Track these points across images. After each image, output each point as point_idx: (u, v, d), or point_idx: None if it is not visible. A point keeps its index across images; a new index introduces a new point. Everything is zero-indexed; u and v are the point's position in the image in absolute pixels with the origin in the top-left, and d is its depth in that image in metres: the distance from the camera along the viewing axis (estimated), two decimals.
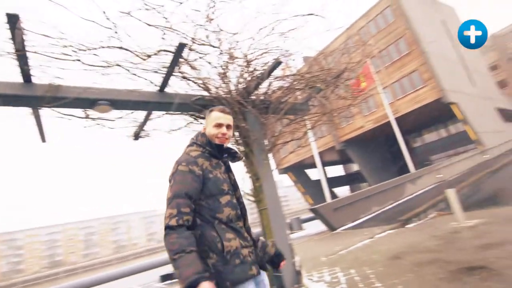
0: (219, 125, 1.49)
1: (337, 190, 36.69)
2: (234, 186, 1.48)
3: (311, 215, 9.65)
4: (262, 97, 4.17)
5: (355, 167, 31.61)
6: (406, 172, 14.86)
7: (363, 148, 25.01)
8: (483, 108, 22.31)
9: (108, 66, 3.19)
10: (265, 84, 4.24)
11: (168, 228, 1.22)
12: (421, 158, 26.08)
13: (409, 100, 20.34)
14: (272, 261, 1.56)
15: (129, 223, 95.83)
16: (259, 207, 3.93)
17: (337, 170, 39.08)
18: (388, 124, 17.99)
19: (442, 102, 18.46)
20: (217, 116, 1.51)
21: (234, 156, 1.59)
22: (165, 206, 1.29)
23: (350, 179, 31.15)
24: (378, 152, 26.05)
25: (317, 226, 9.72)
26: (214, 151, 1.47)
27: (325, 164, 36.89)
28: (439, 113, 20.93)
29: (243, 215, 1.43)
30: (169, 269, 8.14)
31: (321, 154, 29.70)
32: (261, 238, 1.62)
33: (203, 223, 1.31)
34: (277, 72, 4.19)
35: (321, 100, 4.76)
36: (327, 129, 27.20)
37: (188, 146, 1.52)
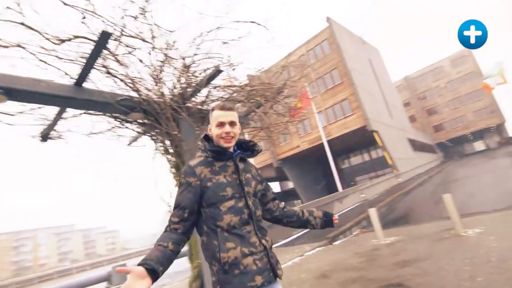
0: (221, 124, 1.42)
1: None
2: (246, 186, 1.41)
3: None
4: (199, 106, 3.91)
5: (290, 184, 32.94)
6: (335, 191, 15.99)
7: (298, 166, 26.33)
8: (397, 138, 25.70)
9: (6, 46, 2.57)
10: (204, 93, 4.00)
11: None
12: (348, 179, 28.57)
13: (340, 125, 22.29)
14: (326, 222, 1.64)
15: (36, 240, 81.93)
16: None
17: (274, 187, 40.18)
18: (321, 145, 19.29)
19: (367, 129, 20.70)
20: (217, 114, 1.43)
21: (251, 150, 1.53)
22: None
23: (285, 196, 32.18)
24: (312, 171, 27.70)
25: None
26: (217, 154, 1.41)
27: None
28: (364, 139, 23.38)
29: (251, 218, 1.37)
30: None
31: (260, 170, 30.39)
32: (303, 209, 1.66)
33: (208, 230, 1.34)
34: (218, 81, 4.01)
35: (261, 115, 4.72)
36: (266, 146, 27.94)
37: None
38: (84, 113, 3.62)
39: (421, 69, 52.45)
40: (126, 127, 3.82)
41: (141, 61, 3.28)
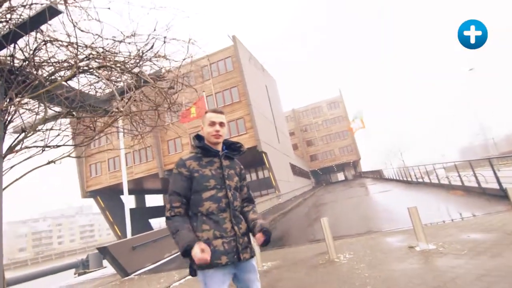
0: (212, 124, 1.71)
1: (156, 222, 33.97)
2: (227, 180, 1.67)
3: (145, 240, 7.43)
4: (9, 61, 2.43)
5: None
6: None
7: None
8: (282, 161, 27.82)
9: None
10: (29, 44, 2.54)
11: (166, 218, 1.60)
12: None
13: None
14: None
15: None
16: None
17: (159, 200, 36.74)
18: None
19: (257, 149, 21.45)
20: (210, 116, 1.74)
21: (238, 150, 1.84)
22: None
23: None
24: None
25: None
26: (204, 150, 1.69)
27: (146, 191, 33.85)
28: (254, 158, 24.18)
29: (229, 207, 1.62)
30: None
31: (143, 179, 27.07)
32: (257, 219, 1.73)
33: (192, 214, 1.62)
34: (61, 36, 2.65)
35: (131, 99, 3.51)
36: (153, 154, 25.36)
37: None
38: None
39: (306, 105, 60.61)
40: None
41: None
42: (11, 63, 2.38)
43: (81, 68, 2.66)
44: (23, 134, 2.56)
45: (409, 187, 16.85)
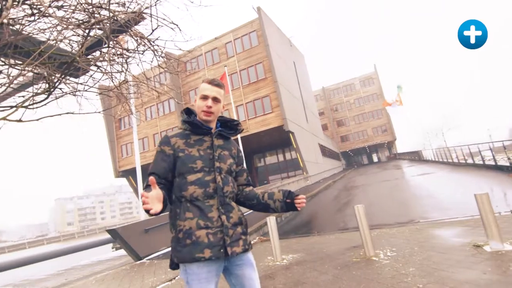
0: (204, 98, 1.44)
1: None
2: (218, 161, 1.42)
3: (158, 223, 7.11)
4: None
5: None
6: None
7: None
8: (310, 142, 26.54)
9: None
10: None
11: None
12: (261, 177, 28.28)
13: (259, 122, 21.48)
14: (288, 206, 1.48)
15: None
16: None
17: None
18: (236, 141, 18.01)
19: (283, 129, 20.40)
20: (203, 87, 1.45)
21: (234, 129, 1.55)
22: None
23: None
24: None
25: None
26: (193, 127, 1.43)
27: None
28: (280, 139, 23.20)
29: (216, 193, 1.37)
30: None
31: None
32: (267, 191, 1.56)
33: (176, 199, 1.38)
34: None
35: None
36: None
37: None
38: None
39: (337, 83, 57.40)
40: None
41: None
42: None
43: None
44: None
45: (456, 169, 15.00)
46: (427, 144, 54.69)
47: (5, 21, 1.70)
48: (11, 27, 2.18)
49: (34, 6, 2.32)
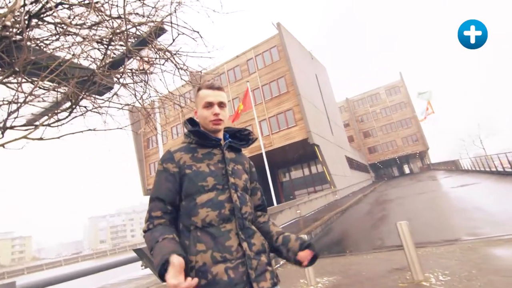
0: (209, 105, 1.24)
1: None
2: (232, 177, 1.19)
3: None
4: None
5: None
6: (273, 204, 14.44)
7: None
8: (337, 155, 25.74)
9: None
10: None
11: (144, 232, 1.13)
12: (287, 192, 27.68)
13: (282, 136, 21.24)
14: (297, 262, 1.20)
15: None
16: None
17: None
18: (261, 156, 17.84)
19: (308, 142, 19.95)
20: (204, 94, 1.26)
21: (245, 139, 1.34)
22: None
23: None
24: None
25: None
26: (200, 138, 1.22)
27: None
28: (305, 152, 22.71)
29: (234, 214, 1.13)
30: None
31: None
32: (283, 233, 1.29)
33: (183, 228, 1.14)
34: None
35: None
36: None
37: None
38: None
39: (361, 93, 56.12)
40: None
41: None
42: None
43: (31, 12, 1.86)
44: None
45: (503, 179, 13.67)
46: (463, 152, 51.26)
47: (8, 23, 1.66)
48: (33, 45, 2.18)
49: (59, 25, 2.32)
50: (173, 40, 2.39)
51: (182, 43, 2.72)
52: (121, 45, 2.63)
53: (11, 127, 1.94)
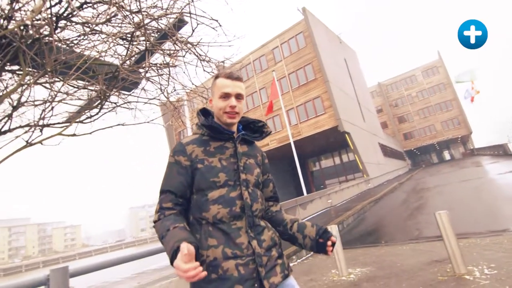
0: (226, 96, 1.19)
1: None
2: (244, 173, 1.18)
3: None
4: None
5: None
6: (303, 194, 14.33)
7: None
8: (369, 142, 24.75)
9: None
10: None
11: (154, 223, 1.12)
12: (317, 182, 27.30)
13: (311, 124, 20.82)
14: (318, 247, 1.18)
15: None
16: None
17: None
18: (290, 145, 17.68)
19: (338, 130, 19.37)
20: (222, 84, 1.19)
21: (260, 131, 1.31)
22: None
23: None
24: (281, 171, 26.08)
25: None
26: (213, 131, 1.19)
27: None
28: (335, 140, 22.11)
29: (244, 212, 1.13)
30: None
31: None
32: (297, 220, 1.28)
33: (194, 221, 1.14)
34: None
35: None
36: None
37: None
38: None
39: (394, 76, 53.05)
40: None
41: None
42: None
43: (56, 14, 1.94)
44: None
45: None
46: (511, 135, 46.73)
47: (28, 22, 1.74)
48: (63, 45, 2.28)
49: (86, 25, 2.40)
50: (193, 30, 2.38)
51: (203, 34, 2.71)
52: (143, 40, 2.67)
53: (48, 125, 2.07)
